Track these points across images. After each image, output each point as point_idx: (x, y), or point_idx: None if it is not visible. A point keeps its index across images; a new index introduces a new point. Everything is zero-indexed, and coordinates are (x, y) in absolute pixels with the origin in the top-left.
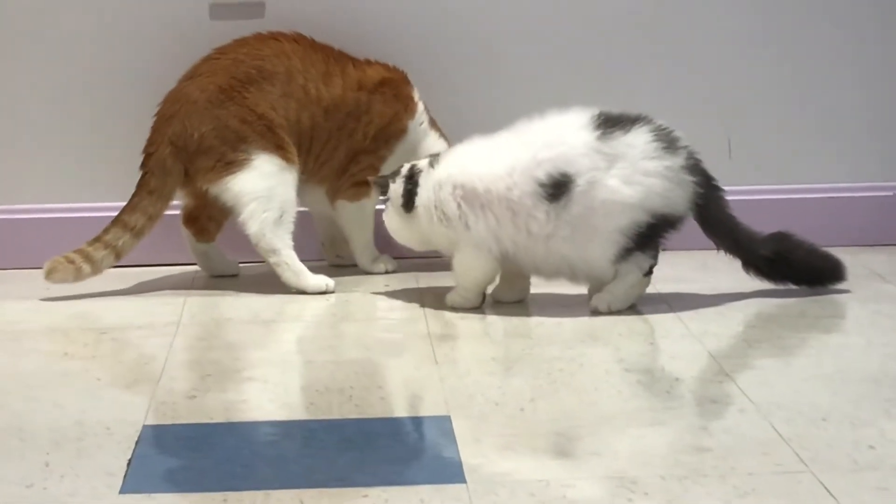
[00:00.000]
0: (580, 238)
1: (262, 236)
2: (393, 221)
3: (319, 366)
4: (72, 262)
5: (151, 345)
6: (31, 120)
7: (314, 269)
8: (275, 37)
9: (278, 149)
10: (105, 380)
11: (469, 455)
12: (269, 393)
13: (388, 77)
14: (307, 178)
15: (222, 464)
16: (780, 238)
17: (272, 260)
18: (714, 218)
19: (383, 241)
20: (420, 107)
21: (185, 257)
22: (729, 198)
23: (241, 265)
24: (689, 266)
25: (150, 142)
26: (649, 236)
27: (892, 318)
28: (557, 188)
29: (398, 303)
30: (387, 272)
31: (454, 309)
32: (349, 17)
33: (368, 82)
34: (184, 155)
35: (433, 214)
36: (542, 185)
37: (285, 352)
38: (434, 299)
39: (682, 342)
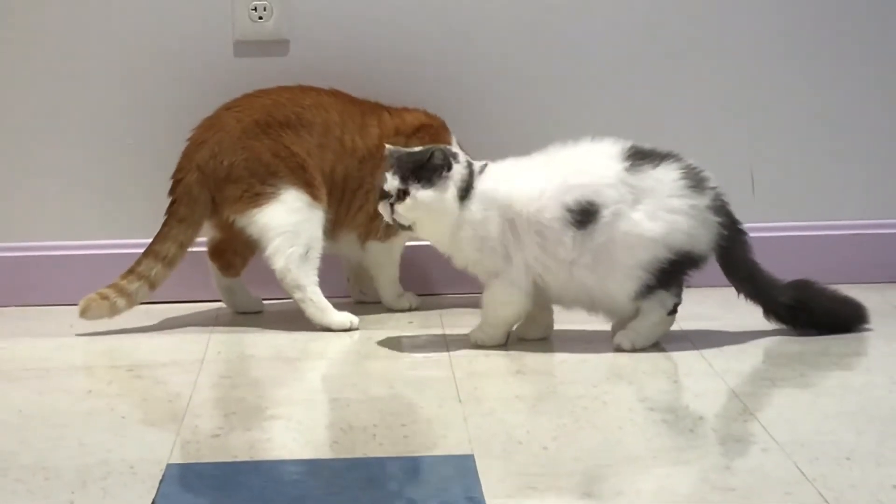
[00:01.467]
0: (601, 268)
1: (288, 272)
2: (439, 207)
3: (343, 404)
4: (105, 297)
5: (176, 382)
6: (57, 157)
7: (338, 306)
8: (315, 90)
9: (308, 186)
10: (130, 418)
11: (492, 494)
12: (293, 431)
13: (426, 123)
14: (339, 225)
15: (246, 503)
16: (802, 286)
17: (297, 296)
18: (736, 262)
19: (406, 279)
20: (460, 152)
21: (209, 294)
22: (752, 234)
23: (265, 302)
24: (712, 303)
25: (179, 167)
26: (672, 273)
27: None
28: (584, 215)
29: (421, 340)
30: (410, 309)
31: (478, 346)
32: (371, 56)
33: (407, 128)
34: (211, 182)
35: (474, 231)
36: (569, 210)
37: (309, 390)
38: (458, 337)
39: (705, 380)
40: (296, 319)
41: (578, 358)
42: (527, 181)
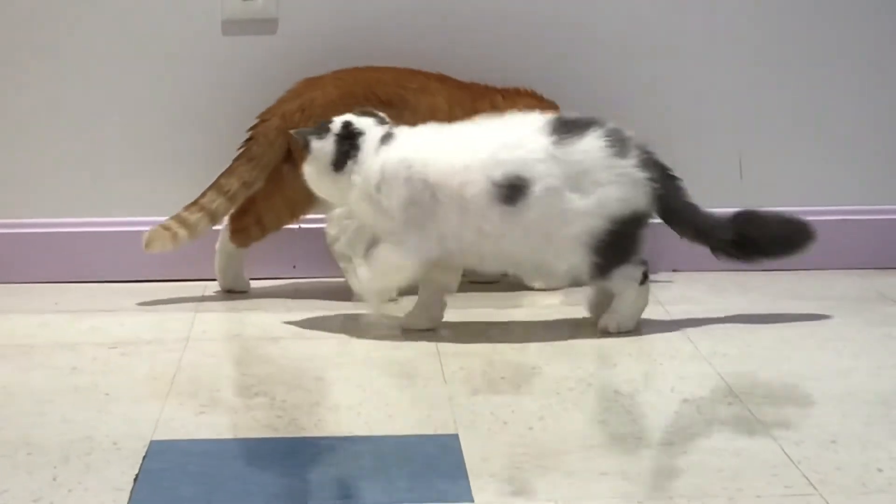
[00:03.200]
0: (536, 242)
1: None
2: (314, 175)
3: (328, 383)
4: (168, 228)
5: (161, 360)
6: (41, 134)
7: None
8: (423, 73)
9: None
10: (114, 394)
11: (476, 474)
12: (278, 409)
13: (539, 106)
14: None
15: (230, 480)
16: (743, 218)
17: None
18: (674, 208)
19: None
20: None
21: (195, 273)
22: None
23: (252, 282)
24: (699, 288)
25: (267, 110)
26: (622, 243)
27: None
28: (513, 191)
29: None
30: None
31: (361, 299)
32: (360, 35)
33: (521, 110)
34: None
35: (371, 192)
36: (497, 185)
37: (294, 368)
38: (444, 319)
39: (691, 363)
40: (282, 300)
41: (565, 342)
42: (449, 153)
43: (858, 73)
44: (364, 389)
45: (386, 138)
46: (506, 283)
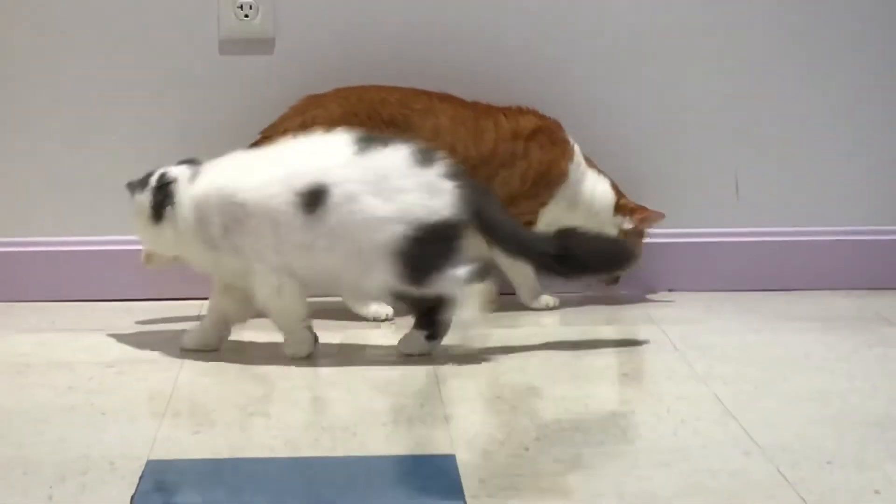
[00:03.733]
0: (341, 251)
1: None
2: (140, 228)
3: (325, 402)
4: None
5: (157, 379)
6: (41, 153)
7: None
8: (427, 94)
9: None
10: (110, 413)
11: (473, 495)
12: (274, 429)
13: (541, 125)
14: None
15: (226, 501)
16: (565, 234)
17: None
18: (493, 223)
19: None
20: (576, 149)
21: (191, 291)
22: (736, 239)
23: None
24: (696, 307)
25: (269, 127)
26: (433, 251)
27: (894, 362)
28: (313, 198)
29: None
30: (549, 308)
31: (295, 357)
32: (358, 55)
33: (523, 131)
34: None
35: (195, 231)
36: (299, 194)
37: (290, 388)
38: (444, 343)
39: (687, 383)
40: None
41: (561, 360)
42: (254, 171)
43: (854, 95)
44: (361, 409)
45: (193, 176)
46: (505, 301)
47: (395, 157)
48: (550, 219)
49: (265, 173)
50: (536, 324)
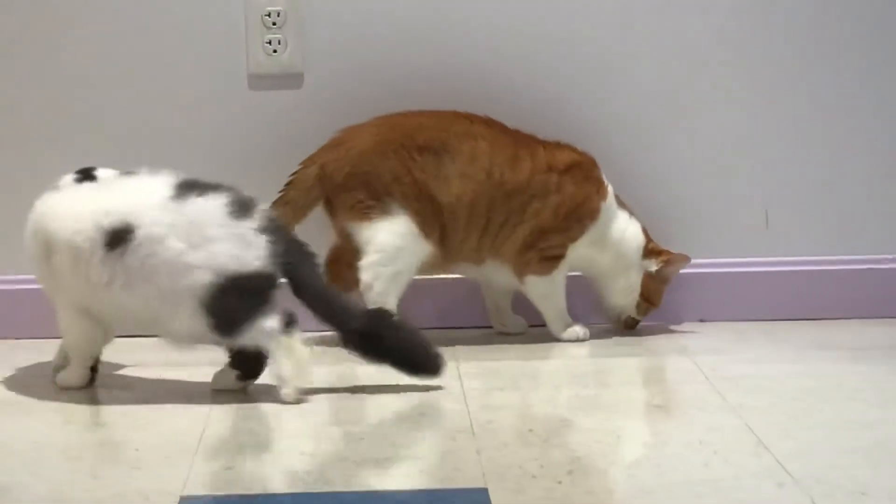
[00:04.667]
0: (143, 293)
1: (371, 288)
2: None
3: (357, 436)
4: None
5: (188, 415)
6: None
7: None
8: (469, 117)
9: (419, 215)
10: (143, 450)
11: None
12: (306, 464)
13: (578, 160)
14: (482, 252)
15: None
16: (379, 315)
17: None
18: (303, 282)
19: (420, 313)
20: (610, 189)
21: None
22: (767, 269)
23: None
24: (726, 337)
25: (309, 158)
26: (243, 302)
27: None
28: (117, 237)
29: None
30: (579, 340)
31: (65, 387)
32: (384, 89)
33: (559, 164)
34: (328, 183)
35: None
36: (104, 232)
37: (322, 422)
38: (471, 371)
39: (718, 414)
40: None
41: (593, 394)
42: (69, 207)
43: (883, 125)
44: (393, 443)
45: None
46: (534, 333)
47: (210, 206)
48: (579, 255)
49: (79, 207)
50: (566, 355)
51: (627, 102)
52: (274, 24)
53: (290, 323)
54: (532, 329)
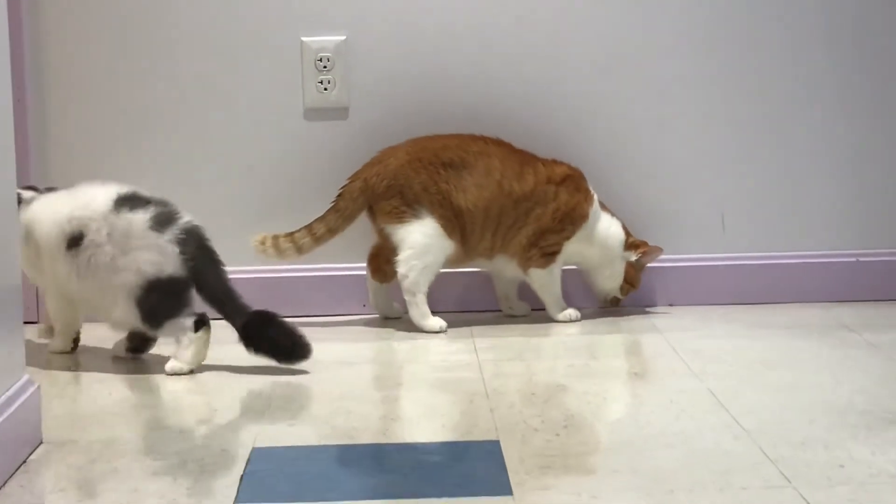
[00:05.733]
0: (90, 286)
1: (406, 277)
2: None
3: (393, 399)
4: (263, 242)
5: (259, 382)
6: None
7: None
8: (483, 139)
9: (443, 219)
10: (222, 411)
11: (514, 472)
12: (354, 421)
13: (570, 174)
14: (493, 249)
15: (315, 479)
16: (259, 316)
17: (408, 298)
18: (205, 285)
19: (442, 298)
20: (595, 196)
21: (288, 311)
22: (724, 263)
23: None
24: (691, 318)
25: (355, 174)
26: (164, 302)
27: (856, 361)
28: (74, 241)
29: (455, 347)
30: (572, 321)
31: (53, 352)
32: (414, 119)
33: (556, 177)
34: (370, 193)
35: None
36: (66, 235)
37: (365, 387)
38: (485, 345)
39: (685, 380)
40: (354, 332)
41: (584, 364)
42: (49, 210)
43: (819, 150)
44: (422, 404)
45: (30, 201)
46: (536, 316)
47: (137, 220)
48: (572, 250)
49: (53, 211)
50: (562, 333)
51: (609, 125)
52: (325, 67)
53: (201, 323)
54: (534, 312)
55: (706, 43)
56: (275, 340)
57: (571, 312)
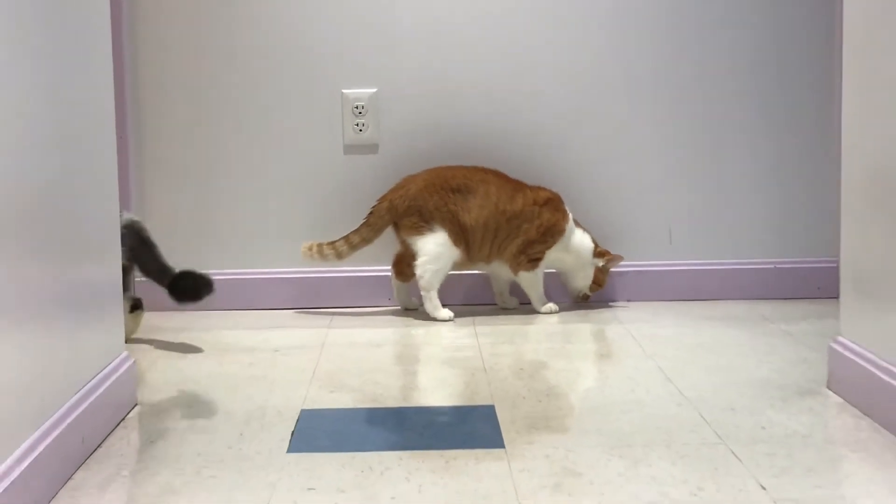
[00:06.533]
0: None
1: (422, 277)
2: None
3: (411, 372)
4: (310, 248)
5: (306, 359)
6: (226, 219)
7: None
8: (484, 170)
9: (452, 232)
10: (279, 380)
11: (507, 430)
12: (381, 390)
13: (551, 197)
14: (491, 255)
15: (351, 435)
16: (181, 273)
17: (423, 294)
18: (141, 260)
19: (452, 293)
20: (570, 215)
21: (327, 302)
22: (669, 269)
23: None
24: (645, 311)
25: (382, 196)
26: None
27: (774, 346)
28: None
29: (461, 333)
30: (552, 313)
31: None
32: (431, 154)
33: (540, 200)
34: (394, 212)
35: None
36: None
37: (389, 364)
38: (484, 331)
39: (640, 360)
40: (381, 320)
41: (562, 347)
42: None
43: (744, 174)
44: (434, 377)
45: None
46: (524, 308)
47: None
48: (553, 257)
49: None
50: (544, 322)
51: (580, 157)
52: (360, 112)
53: (135, 306)
54: (522, 306)
55: (652, 87)
56: (186, 287)
57: (551, 306)
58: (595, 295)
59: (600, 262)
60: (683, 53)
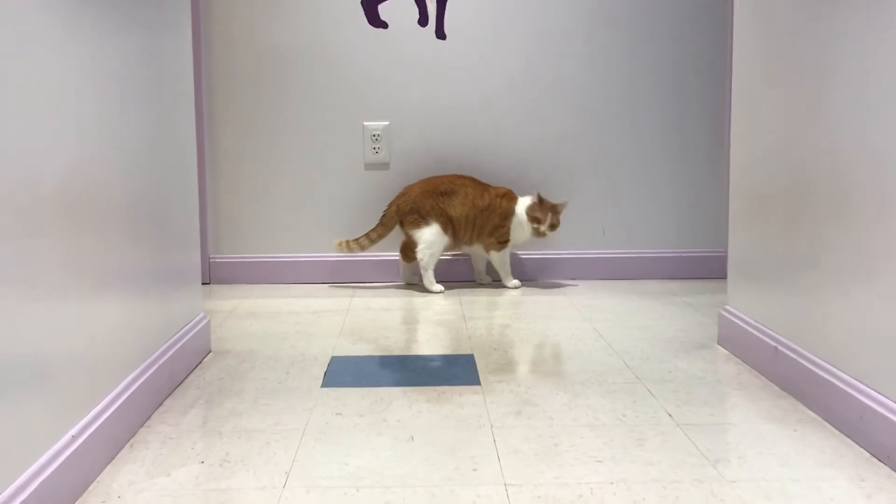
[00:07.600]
0: None
1: (422, 260)
2: None
3: (411, 330)
4: (340, 244)
5: (336, 319)
6: (259, 222)
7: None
8: (462, 177)
9: (443, 225)
10: (315, 335)
11: (482, 372)
12: (391, 343)
13: (505, 192)
14: (471, 241)
15: (368, 374)
16: None
17: (422, 272)
18: None
19: (450, 271)
20: (519, 199)
21: (350, 279)
22: (605, 255)
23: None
24: (585, 287)
25: (390, 203)
26: None
27: (678, 314)
28: None
29: (449, 302)
30: (516, 287)
31: None
32: (426, 166)
33: (499, 194)
34: (400, 212)
35: None
36: None
37: (397, 323)
38: (466, 301)
39: (580, 322)
40: (392, 291)
41: (522, 312)
42: None
43: (651, 185)
44: (428, 333)
45: None
46: (494, 284)
47: None
48: (515, 235)
49: None
50: (510, 294)
51: (539, 173)
52: (376, 139)
53: None
54: (494, 282)
55: (587, 104)
56: None
57: (516, 282)
58: (548, 276)
59: (533, 224)
60: (613, 73)
